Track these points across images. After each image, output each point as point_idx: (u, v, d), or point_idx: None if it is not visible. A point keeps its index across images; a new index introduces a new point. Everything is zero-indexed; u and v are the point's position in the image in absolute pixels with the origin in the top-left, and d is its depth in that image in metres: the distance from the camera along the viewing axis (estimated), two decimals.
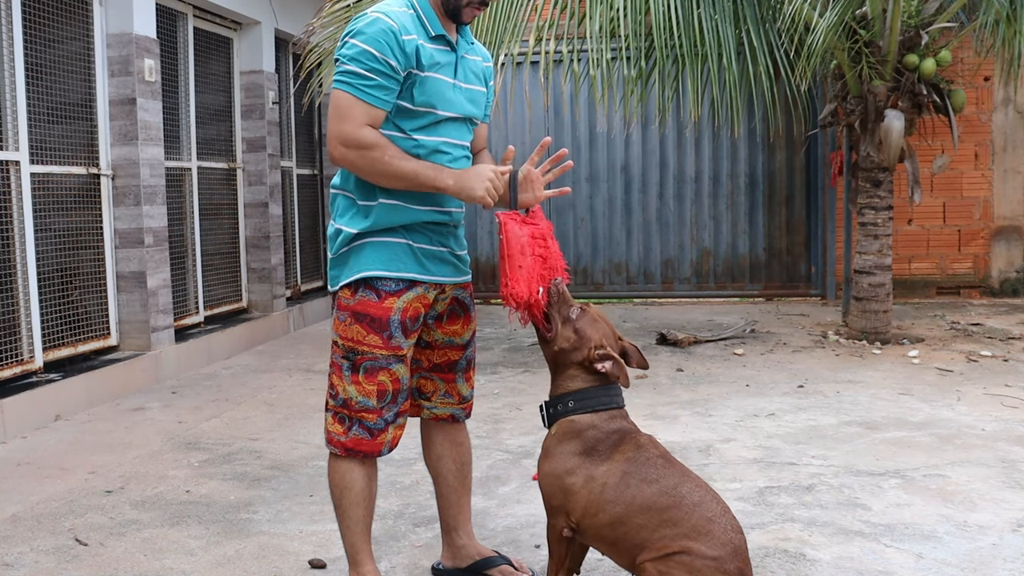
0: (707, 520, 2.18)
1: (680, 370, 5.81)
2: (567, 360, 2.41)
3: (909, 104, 6.55)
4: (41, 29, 5.07)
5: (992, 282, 8.70)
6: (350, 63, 2.33)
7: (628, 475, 2.26)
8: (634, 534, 2.23)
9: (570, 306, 2.43)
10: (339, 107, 2.34)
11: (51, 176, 5.16)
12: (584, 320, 2.41)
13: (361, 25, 2.35)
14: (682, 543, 2.16)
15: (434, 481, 2.78)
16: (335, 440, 2.48)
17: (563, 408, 2.39)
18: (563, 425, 2.37)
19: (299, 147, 8.44)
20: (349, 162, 2.35)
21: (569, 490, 2.31)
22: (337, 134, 2.34)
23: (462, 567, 2.78)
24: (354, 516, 2.52)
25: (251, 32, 7.37)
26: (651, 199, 9.13)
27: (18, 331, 4.89)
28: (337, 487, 2.51)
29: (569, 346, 2.39)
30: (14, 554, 3.05)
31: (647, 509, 2.22)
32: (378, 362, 2.42)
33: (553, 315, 2.42)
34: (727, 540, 2.16)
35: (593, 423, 2.35)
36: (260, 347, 7.02)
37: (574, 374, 2.41)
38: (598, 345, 2.38)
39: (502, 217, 2.43)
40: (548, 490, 2.36)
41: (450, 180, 2.37)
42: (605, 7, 6.05)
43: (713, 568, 2.13)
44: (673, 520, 2.19)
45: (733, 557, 2.15)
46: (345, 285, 2.45)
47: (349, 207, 2.46)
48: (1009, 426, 4.34)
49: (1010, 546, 2.96)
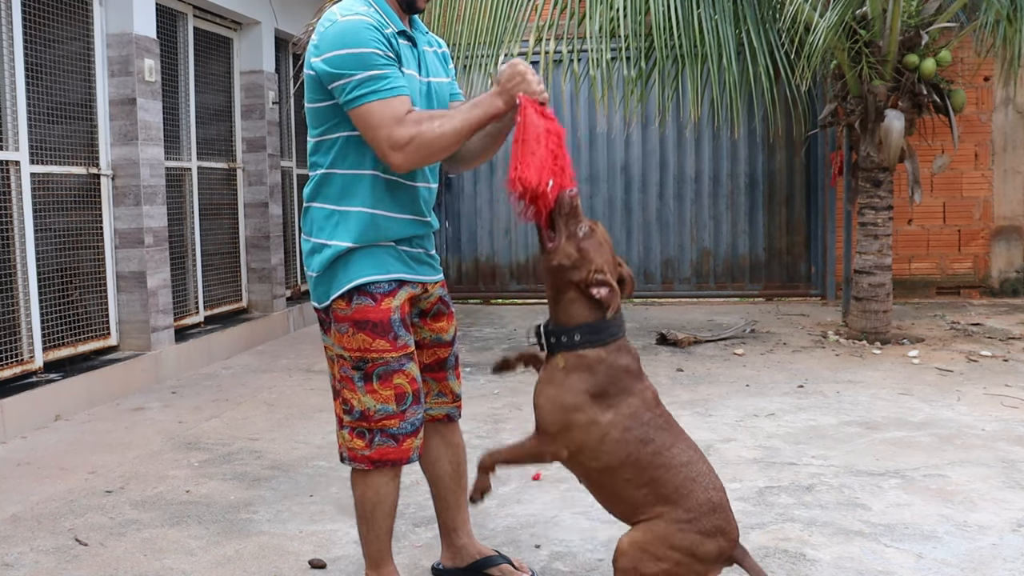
0: (690, 480, 2.24)
1: (680, 370, 5.81)
2: (564, 278, 2.33)
3: (909, 104, 6.55)
4: (41, 29, 5.07)
5: (992, 282, 8.70)
6: (355, 74, 2.26)
7: (629, 431, 2.26)
8: (619, 485, 2.28)
9: (579, 222, 2.33)
10: (368, 122, 2.28)
11: (51, 176, 5.16)
12: (590, 241, 2.32)
13: (340, 32, 2.29)
14: (658, 509, 2.23)
15: (430, 484, 2.78)
16: (358, 456, 2.43)
17: (568, 341, 2.32)
18: (571, 359, 2.31)
19: (299, 147, 8.43)
20: (412, 161, 2.30)
21: (570, 425, 2.29)
22: (382, 146, 2.28)
23: (462, 567, 2.78)
24: (384, 526, 2.51)
25: (251, 32, 7.37)
26: (651, 199, 9.13)
27: (18, 331, 4.89)
28: (370, 501, 2.47)
29: (569, 264, 2.31)
30: (14, 554, 3.05)
31: (638, 467, 2.25)
32: (390, 366, 2.40)
33: (559, 225, 2.32)
34: (705, 499, 2.22)
35: (601, 357, 2.29)
36: (260, 347, 7.02)
37: (574, 298, 2.32)
38: (598, 269, 2.30)
39: (524, 100, 2.31)
40: (549, 417, 2.31)
41: (499, 102, 2.32)
42: (605, 7, 6.05)
43: (687, 529, 2.19)
44: (659, 480, 2.24)
45: (710, 514, 2.21)
46: (338, 297, 2.41)
47: (327, 219, 2.42)
48: (1009, 426, 4.34)
49: (1010, 546, 2.96)
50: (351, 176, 2.40)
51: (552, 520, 3.27)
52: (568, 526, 3.21)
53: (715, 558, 2.23)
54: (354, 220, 2.39)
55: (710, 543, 2.21)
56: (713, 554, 2.22)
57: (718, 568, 2.26)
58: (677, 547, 2.20)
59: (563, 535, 3.13)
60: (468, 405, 4.16)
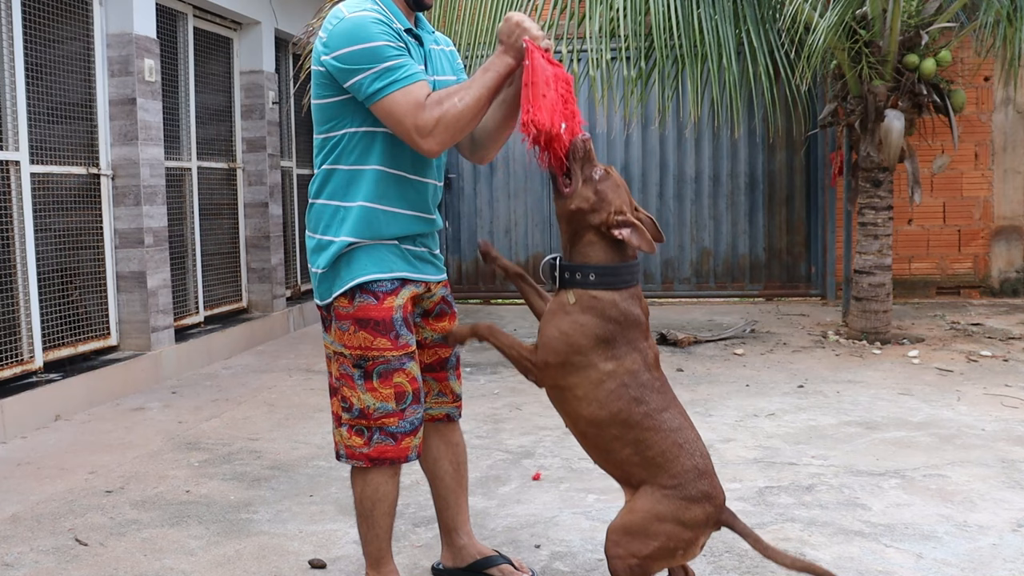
0: (677, 446, 2.26)
1: (680, 370, 5.81)
2: (583, 223, 2.32)
3: (909, 104, 6.55)
4: (41, 29, 5.07)
5: (992, 282, 8.69)
6: (370, 68, 2.26)
7: (625, 387, 2.28)
8: (605, 440, 2.31)
9: (594, 166, 2.33)
10: (393, 114, 2.28)
11: (51, 176, 5.16)
12: (607, 183, 2.32)
13: (349, 28, 2.29)
14: (642, 472, 2.26)
15: (431, 483, 2.77)
16: (356, 453, 2.43)
17: (582, 279, 2.31)
18: (584, 297, 2.31)
19: (299, 147, 8.44)
20: (443, 142, 2.29)
21: (570, 364, 2.30)
22: (412, 135, 2.27)
23: (462, 567, 2.78)
24: (384, 525, 2.51)
25: (251, 32, 7.37)
26: (651, 199, 9.13)
27: (18, 331, 4.89)
28: (369, 499, 2.47)
29: (588, 207, 2.30)
30: (14, 554, 3.05)
31: (626, 426, 2.28)
32: (391, 364, 2.40)
33: (575, 169, 2.32)
34: (691, 466, 2.25)
35: (615, 302, 2.30)
36: (260, 347, 7.02)
37: (592, 240, 2.32)
38: (618, 210, 2.30)
39: (529, 45, 2.29)
40: (552, 345, 2.32)
41: (508, 58, 2.31)
42: (605, 7, 6.05)
43: (672, 495, 2.23)
44: (646, 442, 2.26)
45: (695, 480, 2.24)
46: (341, 294, 2.42)
47: (332, 215, 2.43)
48: (1009, 426, 4.34)
49: (1010, 546, 2.96)
50: (355, 172, 2.41)
51: (552, 520, 3.27)
52: (568, 526, 3.21)
53: (702, 523, 2.25)
54: (357, 215, 2.39)
55: (696, 508, 2.24)
56: (700, 519, 2.24)
57: (707, 532, 2.29)
58: (664, 517, 2.23)
59: (563, 535, 3.13)
60: (468, 405, 4.17)
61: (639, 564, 2.24)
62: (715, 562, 2.87)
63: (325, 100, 2.41)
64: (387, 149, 2.40)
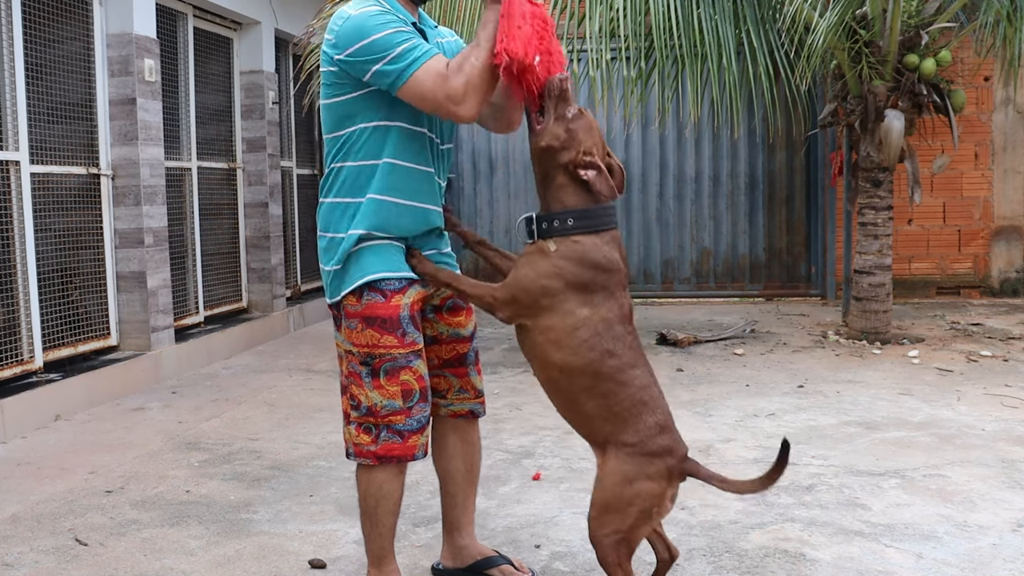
0: (642, 404, 2.32)
1: (680, 370, 5.81)
2: (553, 161, 2.34)
3: (909, 104, 6.55)
4: (41, 29, 5.07)
5: (992, 282, 8.70)
6: (385, 55, 2.27)
7: (599, 337, 2.30)
8: (574, 390, 2.33)
9: (568, 105, 2.33)
10: (421, 93, 2.28)
11: (51, 176, 5.16)
12: (580, 123, 2.33)
13: (356, 25, 2.30)
14: (607, 427, 2.31)
15: (441, 480, 2.77)
16: (364, 451, 2.44)
17: (561, 225, 2.32)
18: (565, 243, 2.32)
19: (299, 147, 8.44)
20: (477, 103, 2.27)
21: (540, 307, 2.32)
22: (446, 106, 2.26)
23: (462, 567, 2.78)
24: (387, 524, 2.51)
25: (251, 32, 7.37)
26: (651, 199, 9.13)
27: (18, 331, 4.89)
28: (373, 497, 2.48)
29: (558, 145, 2.32)
30: (14, 554, 3.05)
31: (597, 377, 2.31)
32: (398, 362, 2.40)
33: (548, 106, 2.33)
34: (653, 423, 2.32)
35: (597, 245, 2.32)
36: (260, 347, 7.02)
37: (563, 183, 2.34)
38: (587, 151, 2.31)
39: None
40: (523, 284, 2.33)
41: (497, 6, 2.29)
42: (605, 7, 6.05)
43: (634, 452, 2.29)
44: (613, 396, 2.31)
45: (657, 436, 2.31)
46: (349, 293, 2.42)
47: (343, 213, 2.44)
48: (1009, 426, 4.34)
49: (1010, 546, 2.96)
50: (364, 167, 2.41)
51: (552, 520, 3.27)
52: (568, 526, 3.21)
53: (666, 475, 2.31)
54: (366, 209, 2.40)
55: (659, 462, 2.30)
56: (663, 472, 2.30)
57: (674, 484, 2.34)
58: (631, 477, 2.29)
59: (563, 535, 3.13)
60: None
61: (624, 538, 2.30)
62: (715, 562, 2.87)
63: (336, 99, 2.42)
64: (399, 142, 2.41)
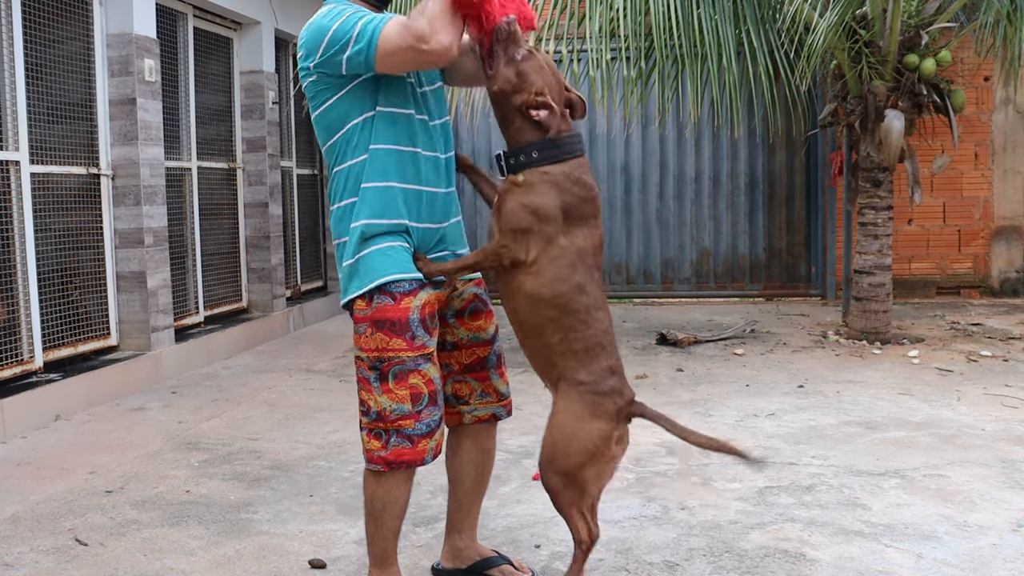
0: (599, 346, 2.40)
1: (680, 370, 5.81)
2: (508, 105, 2.37)
3: (909, 104, 6.55)
4: (41, 29, 5.07)
5: (992, 282, 8.70)
6: (348, 36, 2.28)
7: (574, 268, 2.37)
8: (541, 322, 2.40)
9: (518, 47, 2.36)
10: (392, 48, 2.25)
11: (51, 176, 5.16)
12: (529, 63, 2.36)
13: (316, 27, 2.35)
14: (566, 362, 2.39)
15: (450, 483, 2.77)
16: (375, 457, 2.43)
17: (526, 159, 2.37)
18: (534, 175, 2.36)
19: (299, 147, 8.44)
20: (448, 35, 2.24)
21: (533, 231, 2.35)
22: (419, 45, 2.23)
23: (462, 568, 2.78)
24: (392, 527, 2.51)
25: (251, 32, 7.37)
26: (651, 199, 9.13)
27: (18, 331, 4.89)
28: (380, 501, 2.47)
29: (511, 88, 2.35)
30: (14, 554, 3.05)
31: (565, 310, 2.37)
32: (406, 365, 2.39)
33: (497, 51, 2.35)
34: (606, 365, 2.41)
35: (566, 172, 2.37)
36: (260, 347, 7.02)
37: (522, 125, 2.37)
38: (539, 92, 2.34)
39: None
40: (517, 214, 2.36)
41: None
42: (605, 7, 6.05)
43: (585, 391, 2.38)
44: (575, 332, 2.38)
45: (608, 377, 2.40)
46: (359, 296, 2.42)
47: (348, 213, 2.44)
48: (1009, 426, 4.34)
49: (1010, 546, 2.96)
50: (360, 162, 2.42)
51: (552, 520, 3.26)
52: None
53: (614, 415, 2.40)
54: (367, 198, 2.40)
55: (608, 401, 2.39)
56: (612, 411, 2.40)
57: (620, 425, 2.43)
58: (581, 416, 2.38)
59: (563, 535, 3.13)
60: None
61: (574, 480, 2.37)
62: (715, 562, 2.87)
63: (324, 106, 2.43)
64: (386, 128, 2.41)
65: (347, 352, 6.65)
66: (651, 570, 2.83)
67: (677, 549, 2.98)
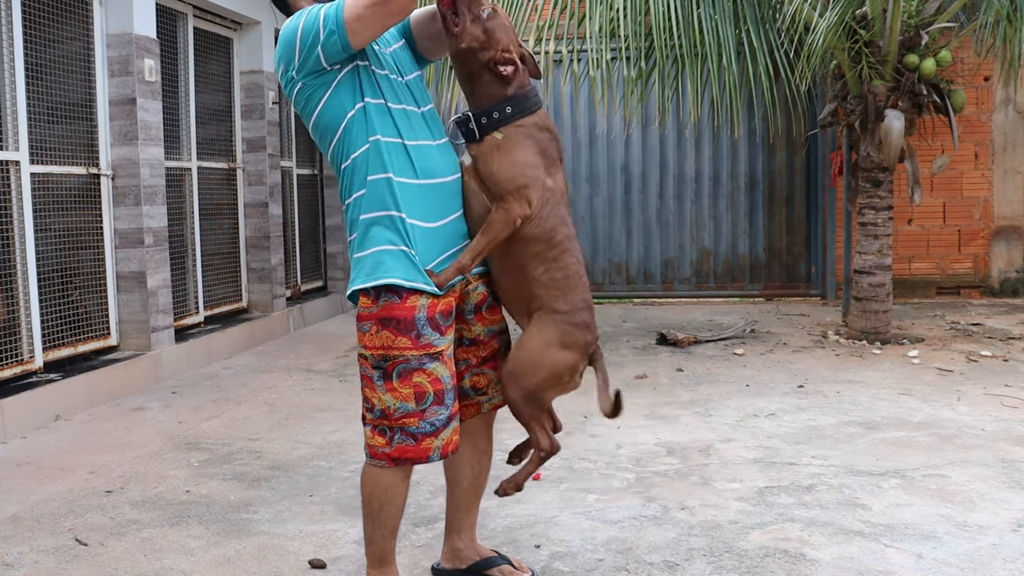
0: (577, 276, 2.51)
1: (680, 370, 5.81)
2: (475, 62, 2.44)
3: (909, 104, 6.55)
4: (41, 29, 5.07)
5: (992, 282, 8.69)
6: (318, 21, 2.29)
7: (559, 205, 2.49)
8: (527, 258, 2.47)
9: (481, 5, 2.43)
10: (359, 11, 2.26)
11: (51, 176, 5.16)
12: (495, 22, 2.44)
13: (284, 39, 2.36)
14: (550, 292, 2.48)
15: (448, 484, 2.77)
16: (379, 453, 2.43)
17: (501, 116, 2.45)
18: (510, 130, 2.45)
19: (299, 147, 8.44)
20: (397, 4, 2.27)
21: (529, 182, 2.43)
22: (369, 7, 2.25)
23: (462, 568, 2.78)
24: (390, 525, 2.51)
25: (251, 32, 7.37)
26: (651, 199, 9.13)
27: (18, 331, 4.89)
28: (378, 500, 2.47)
29: (478, 45, 2.42)
30: (14, 554, 3.05)
31: (550, 244, 2.47)
32: (411, 364, 2.38)
33: (462, 9, 2.40)
34: (582, 298, 2.52)
35: (537, 122, 2.48)
36: (260, 347, 7.02)
37: (489, 79, 2.45)
38: (505, 48, 2.43)
39: None
40: (511, 174, 2.43)
41: None
42: (605, 7, 6.05)
43: (561, 320, 2.49)
44: (558, 263, 2.48)
45: (583, 310, 2.52)
46: (364, 292, 2.40)
47: (354, 209, 2.44)
48: (1009, 426, 4.34)
49: (1010, 546, 2.96)
50: (359, 157, 2.41)
51: (552, 520, 3.27)
52: (568, 526, 3.21)
53: (583, 347, 2.52)
54: (368, 191, 2.40)
55: (579, 333, 2.50)
56: (581, 343, 2.51)
57: (584, 360, 2.55)
58: (551, 341, 2.48)
59: (563, 535, 3.13)
60: None
61: (533, 395, 2.51)
62: (715, 562, 2.87)
63: (315, 111, 2.42)
64: (377, 119, 2.39)
65: (347, 352, 6.65)
66: (651, 570, 2.83)
67: (677, 549, 2.98)
